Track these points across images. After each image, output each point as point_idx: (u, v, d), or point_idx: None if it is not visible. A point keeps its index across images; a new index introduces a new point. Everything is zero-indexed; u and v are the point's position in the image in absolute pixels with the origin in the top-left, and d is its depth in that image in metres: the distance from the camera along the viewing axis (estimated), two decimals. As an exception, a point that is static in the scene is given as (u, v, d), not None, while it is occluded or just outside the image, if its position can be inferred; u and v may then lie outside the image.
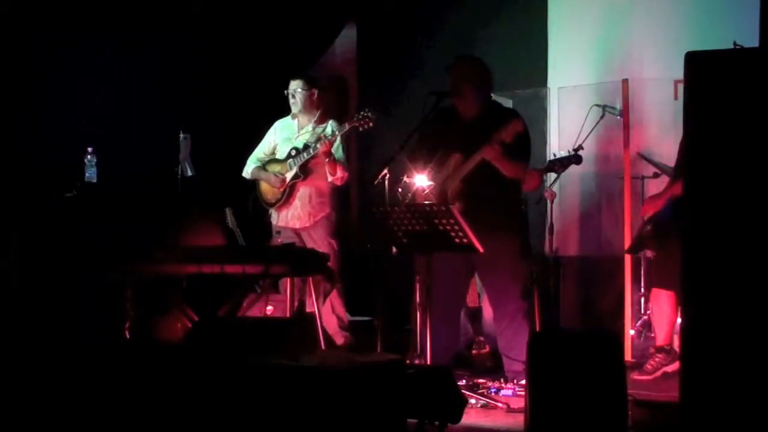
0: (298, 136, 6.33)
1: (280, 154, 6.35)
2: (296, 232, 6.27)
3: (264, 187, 6.39)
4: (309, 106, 6.31)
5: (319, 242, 6.19)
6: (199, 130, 6.33)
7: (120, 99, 6.60)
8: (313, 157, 6.14)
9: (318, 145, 6.08)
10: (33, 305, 5.26)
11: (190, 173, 6.14)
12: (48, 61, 6.29)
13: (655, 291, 5.63)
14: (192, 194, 6.26)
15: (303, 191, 6.24)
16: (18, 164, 5.97)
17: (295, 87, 6.32)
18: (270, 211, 6.39)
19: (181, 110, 6.70)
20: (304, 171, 6.20)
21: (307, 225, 6.24)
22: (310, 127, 6.32)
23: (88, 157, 5.81)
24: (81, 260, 5.32)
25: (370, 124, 5.93)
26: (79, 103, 6.38)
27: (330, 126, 6.29)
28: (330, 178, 6.19)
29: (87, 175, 5.80)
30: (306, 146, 6.19)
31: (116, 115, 6.54)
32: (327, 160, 6.10)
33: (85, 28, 6.39)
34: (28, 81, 6.20)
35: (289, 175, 6.23)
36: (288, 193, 6.23)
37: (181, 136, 6.12)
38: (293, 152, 6.24)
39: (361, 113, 5.98)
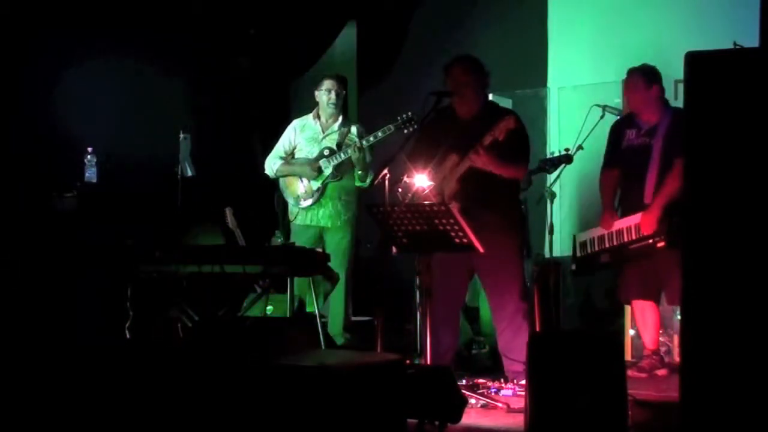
0: (323, 137, 6.31)
1: (304, 154, 6.31)
2: (320, 230, 6.25)
3: (294, 185, 6.32)
4: (339, 107, 6.32)
5: (342, 241, 6.19)
6: (199, 130, 6.33)
7: (120, 99, 6.60)
8: (348, 158, 6.14)
9: (349, 151, 6.09)
10: (33, 305, 5.27)
11: (190, 173, 6.15)
12: (48, 61, 6.29)
13: (635, 302, 5.69)
14: (192, 194, 6.27)
15: (333, 190, 6.23)
16: (18, 164, 5.97)
17: (335, 86, 6.30)
18: (294, 211, 6.33)
19: (181, 110, 6.71)
20: (340, 171, 6.20)
21: (338, 224, 6.23)
22: (335, 128, 6.30)
23: (88, 157, 5.82)
24: (81, 260, 5.32)
25: (415, 126, 5.92)
26: (79, 103, 6.38)
27: (355, 128, 6.30)
28: (358, 183, 6.20)
29: (87, 175, 5.81)
30: (339, 146, 6.19)
31: (116, 115, 6.55)
32: (361, 165, 6.10)
33: (85, 28, 6.39)
34: (28, 81, 6.20)
35: (325, 173, 6.21)
36: (321, 191, 6.22)
37: (181, 136, 6.12)
38: (326, 152, 6.22)
39: (405, 116, 5.98)
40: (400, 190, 5.04)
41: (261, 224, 6.72)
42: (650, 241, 5.32)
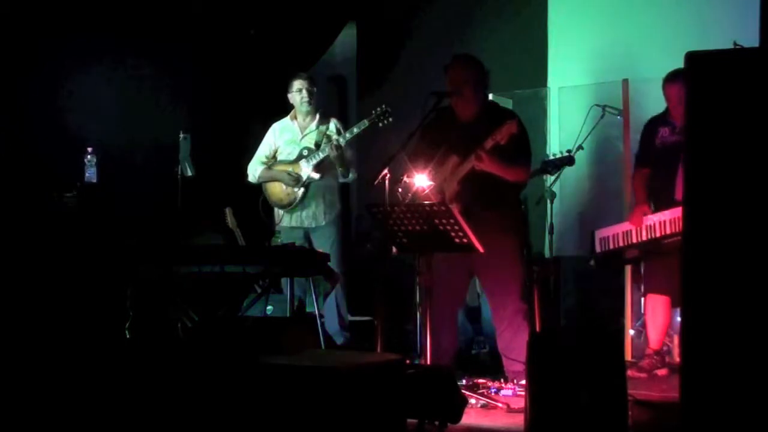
0: (302, 138, 6.31)
1: (285, 156, 6.33)
2: (306, 231, 6.25)
3: (276, 188, 6.32)
4: (313, 105, 6.31)
5: (329, 240, 6.18)
6: (199, 130, 6.32)
7: (120, 99, 6.60)
8: (327, 157, 6.13)
9: (327, 149, 6.07)
10: (33, 305, 5.26)
11: (190, 173, 6.14)
12: (48, 61, 6.29)
13: (650, 296, 5.68)
14: (192, 194, 6.26)
15: (316, 190, 6.23)
16: (18, 164, 5.97)
17: (306, 85, 6.30)
18: (280, 213, 6.34)
19: (181, 110, 6.71)
20: (320, 170, 6.19)
21: (322, 223, 6.23)
22: (313, 127, 6.30)
23: (88, 157, 5.80)
24: (81, 260, 5.31)
25: (390, 119, 5.92)
26: (79, 103, 6.38)
27: (333, 124, 6.29)
28: (341, 179, 6.19)
29: (87, 175, 5.80)
30: (318, 145, 6.18)
31: (116, 115, 6.54)
32: (339, 162, 6.08)
33: (86, 28, 6.40)
34: (29, 81, 6.20)
35: (304, 175, 6.20)
36: (303, 192, 6.21)
37: (181, 136, 6.12)
38: (305, 152, 6.22)
39: (379, 109, 5.97)
40: (400, 190, 5.04)
41: (261, 224, 6.71)
42: None
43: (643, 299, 5.99)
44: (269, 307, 5.86)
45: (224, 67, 7.30)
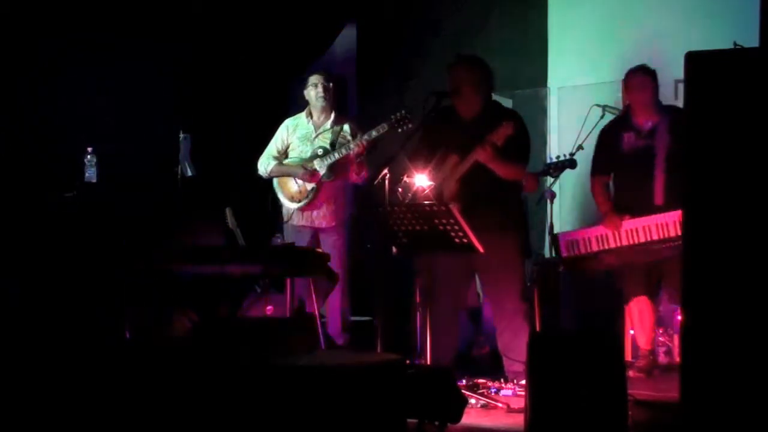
0: (316, 136, 6.28)
1: (297, 154, 6.28)
2: (315, 231, 6.23)
3: (289, 183, 6.31)
4: (328, 101, 6.27)
5: (337, 242, 6.16)
6: (199, 130, 6.32)
7: (120, 99, 6.61)
8: (343, 158, 6.12)
9: (352, 146, 6.05)
10: (33, 306, 5.26)
11: (190, 173, 6.14)
12: (48, 61, 6.30)
13: (632, 301, 5.70)
14: (192, 194, 6.26)
15: (328, 191, 6.20)
16: (18, 164, 5.97)
17: (321, 80, 6.25)
18: (290, 211, 6.30)
19: (181, 110, 6.71)
20: (334, 171, 6.17)
21: (333, 224, 6.21)
22: (328, 126, 6.27)
23: (88, 157, 5.81)
24: (81, 260, 5.32)
25: (410, 125, 5.85)
26: (79, 103, 6.38)
27: (347, 126, 6.25)
28: (354, 178, 6.17)
29: (87, 175, 5.80)
30: (333, 145, 6.15)
31: (116, 115, 6.55)
32: (358, 160, 6.08)
33: (86, 28, 6.40)
34: (28, 81, 6.21)
35: (319, 173, 6.18)
36: (316, 192, 6.19)
37: (181, 136, 6.12)
38: (320, 151, 6.18)
39: (399, 114, 5.92)
40: (400, 190, 5.04)
41: (261, 224, 6.72)
42: None
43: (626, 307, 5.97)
44: (269, 307, 5.87)
45: (225, 66, 7.31)
